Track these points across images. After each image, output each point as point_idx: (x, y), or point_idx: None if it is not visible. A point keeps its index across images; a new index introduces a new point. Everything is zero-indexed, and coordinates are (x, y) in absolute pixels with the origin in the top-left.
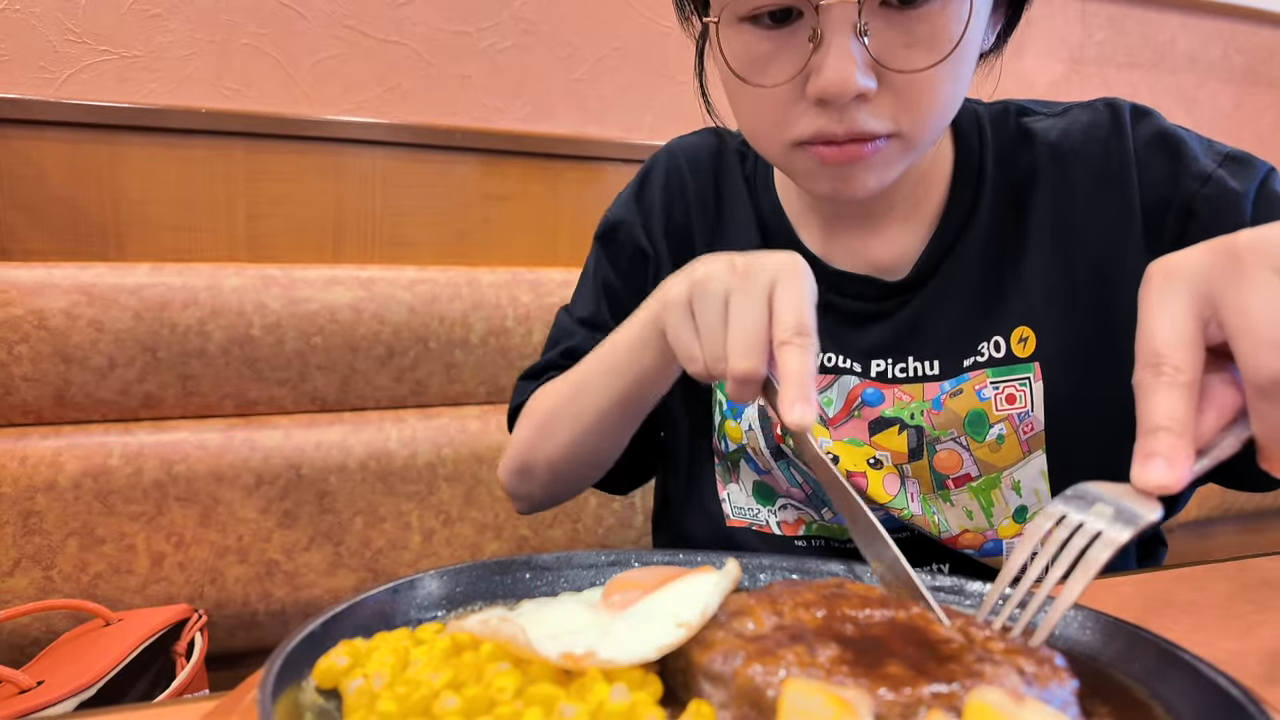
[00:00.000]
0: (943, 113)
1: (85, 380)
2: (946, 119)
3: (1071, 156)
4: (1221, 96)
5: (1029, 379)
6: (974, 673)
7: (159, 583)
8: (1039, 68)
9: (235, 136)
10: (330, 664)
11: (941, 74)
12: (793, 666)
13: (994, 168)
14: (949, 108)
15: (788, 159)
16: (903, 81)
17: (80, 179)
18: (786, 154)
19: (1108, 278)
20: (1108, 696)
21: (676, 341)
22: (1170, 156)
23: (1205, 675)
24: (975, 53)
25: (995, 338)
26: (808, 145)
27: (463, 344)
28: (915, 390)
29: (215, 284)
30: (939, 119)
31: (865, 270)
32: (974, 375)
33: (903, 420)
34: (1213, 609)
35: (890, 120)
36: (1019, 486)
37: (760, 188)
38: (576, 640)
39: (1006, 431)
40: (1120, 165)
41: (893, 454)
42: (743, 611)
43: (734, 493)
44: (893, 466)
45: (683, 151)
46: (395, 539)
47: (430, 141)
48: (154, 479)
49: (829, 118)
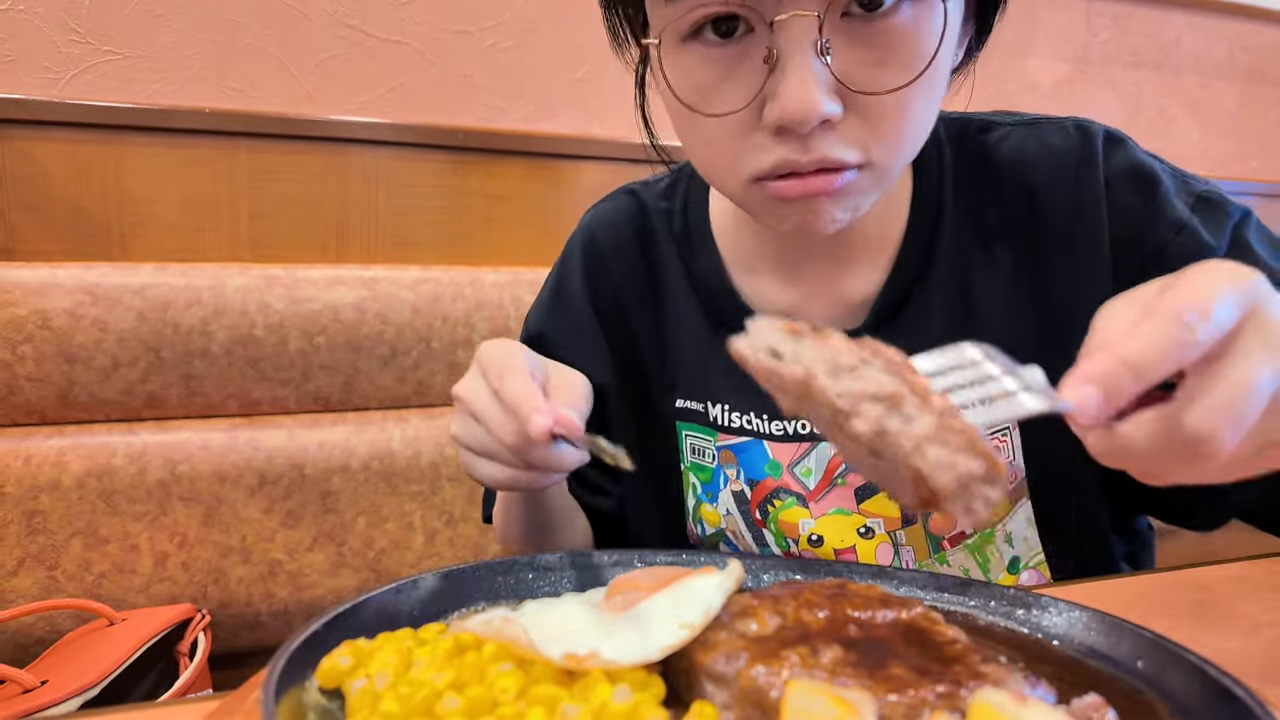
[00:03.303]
0: (916, 138)
1: (89, 380)
2: (919, 144)
3: (1039, 187)
4: (1227, 96)
5: (1009, 428)
6: (978, 674)
7: (162, 582)
8: (1043, 68)
9: (238, 136)
10: (333, 664)
11: (914, 95)
12: (796, 668)
13: (954, 195)
14: (923, 132)
15: (746, 196)
16: (871, 105)
17: (84, 179)
18: (745, 191)
19: (1075, 313)
20: (1112, 697)
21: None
22: (1144, 196)
23: (1210, 676)
24: (948, 70)
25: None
26: (768, 181)
27: (466, 344)
28: None
29: (218, 284)
30: (912, 145)
31: (827, 316)
32: None
33: None
34: (1216, 610)
35: (859, 149)
36: (1011, 538)
37: (696, 245)
38: (579, 641)
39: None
40: (1092, 199)
41: (885, 520)
42: (746, 612)
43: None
44: (885, 535)
45: (600, 227)
46: (398, 539)
47: (433, 141)
48: (158, 479)
49: (790, 148)
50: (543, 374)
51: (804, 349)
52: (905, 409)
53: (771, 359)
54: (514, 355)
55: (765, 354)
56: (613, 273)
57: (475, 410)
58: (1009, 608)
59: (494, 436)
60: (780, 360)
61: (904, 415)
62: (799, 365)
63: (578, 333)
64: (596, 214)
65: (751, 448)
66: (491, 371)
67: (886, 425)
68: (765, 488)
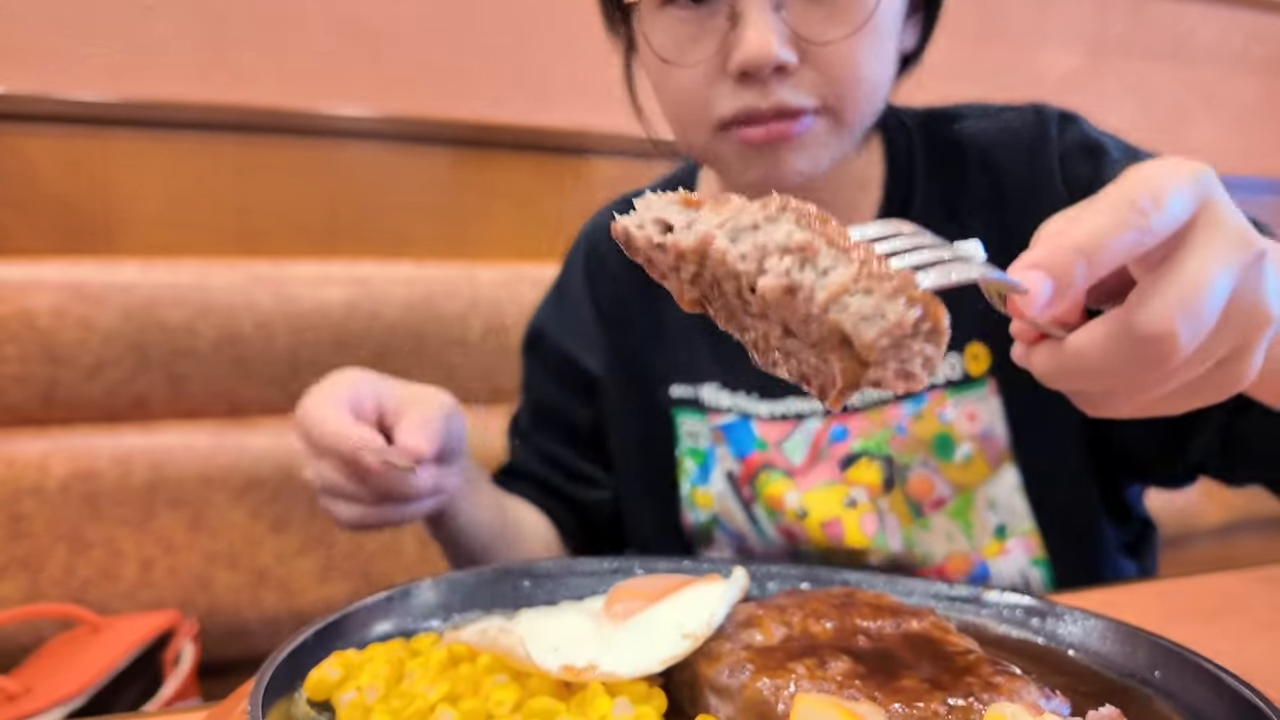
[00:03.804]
0: (866, 89)
1: (73, 380)
2: (871, 98)
3: (1000, 168)
4: (1243, 90)
5: (985, 395)
6: (991, 686)
7: (148, 589)
8: (1054, 60)
9: (227, 130)
10: (322, 675)
11: (859, 46)
12: (803, 680)
13: (924, 179)
14: (872, 85)
15: (714, 145)
16: (823, 55)
17: (70, 174)
18: (712, 140)
19: None
20: (1128, 708)
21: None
22: (1094, 165)
23: (1228, 685)
24: (892, 31)
25: (948, 353)
26: (733, 129)
27: (461, 343)
28: (877, 417)
29: (205, 281)
30: (863, 93)
31: None
32: (932, 396)
33: (870, 451)
34: (1236, 616)
35: (814, 95)
36: (995, 504)
37: None
38: (577, 652)
39: (973, 450)
40: (1047, 173)
41: (868, 489)
42: (751, 622)
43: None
44: (869, 503)
45: (600, 232)
46: (390, 545)
47: (427, 135)
48: (143, 482)
49: (752, 94)
50: (375, 396)
51: (701, 218)
52: (820, 261)
53: (663, 235)
54: (336, 387)
55: (655, 230)
56: (612, 270)
57: (311, 450)
58: (1023, 617)
59: (339, 475)
60: (671, 232)
61: (818, 267)
62: (692, 233)
63: (578, 329)
64: (597, 221)
65: (739, 426)
66: (310, 411)
67: (798, 279)
68: (753, 464)
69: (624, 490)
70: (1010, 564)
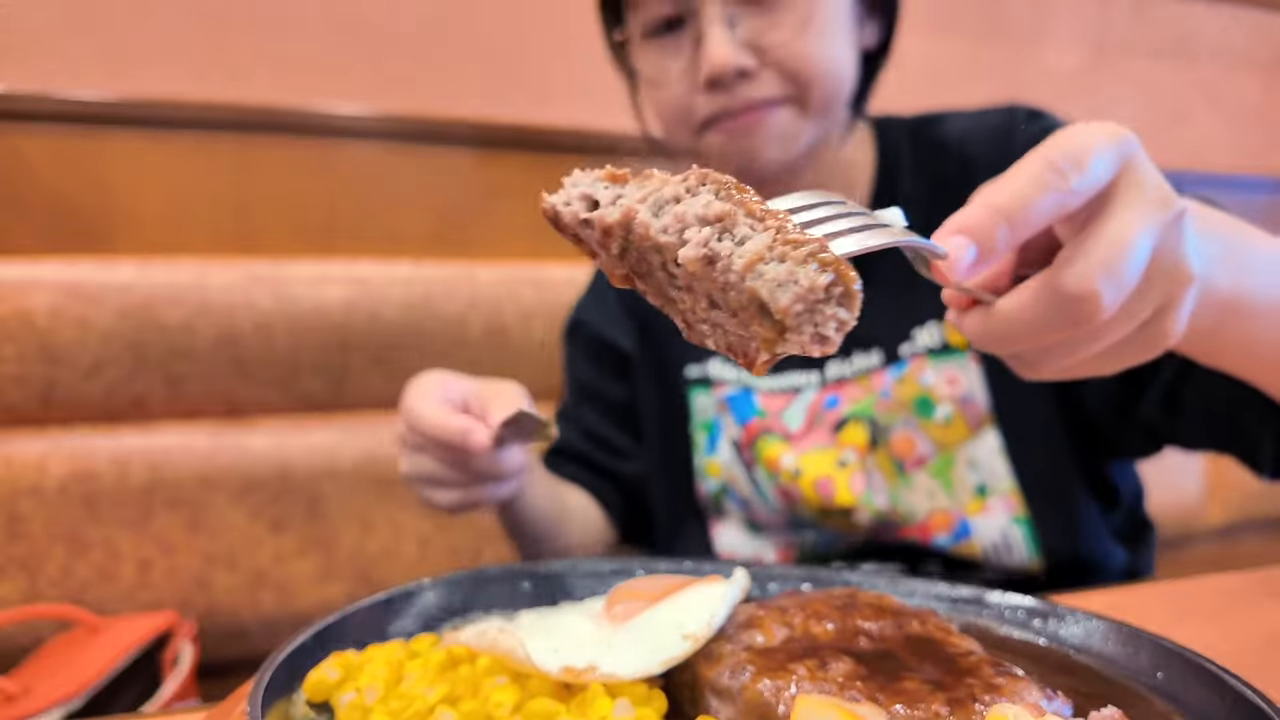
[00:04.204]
0: (823, 79)
1: (71, 380)
2: (833, 83)
3: (973, 160)
4: (1246, 88)
5: (966, 362)
6: (993, 687)
7: (146, 589)
8: (1057, 58)
9: (225, 129)
10: (321, 677)
11: (809, 44)
12: (804, 681)
13: (913, 174)
14: (829, 75)
15: (699, 144)
16: (776, 56)
17: (68, 173)
18: (697, 140)
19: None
20: (1131, 710)
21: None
22: None
23: (1231, 686)
24: (842, 28)
25: (929, 322)
26: (711, 127)
27: (460, 342)
28: (865, 384)
29: (203, 281)
30: (821, 79)
31: None
32: (914, 362)
33: (858, 415)
34: (1239, 618)
35: (776, 89)
36: (976, 464)
37: None
38: (578, 653)
39: (953, 411)
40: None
41: (856, 449)
42: (751, 623)
43: (723, 533)
44: (858, 463)
45: None
46: (389, 546)
47: (426, 133)
48: (141, 483)
49: (724, 98)
50: (460, 393)
51: (626, 193)
52: (738, 230)
53: (589, 211)
54: (427, 386)
55: (582, 206)
56: None
57: (413, 443)
58: (1025, 618)
59: (439, 463)
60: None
61: (735, 237)
62: (616, 209)
63: (612, 317)
64: None
65: (742, 397)
66: (412, 409)
67: (716, 249)
68: (753, 430)
69: (649, 466)
70: (991, 522)
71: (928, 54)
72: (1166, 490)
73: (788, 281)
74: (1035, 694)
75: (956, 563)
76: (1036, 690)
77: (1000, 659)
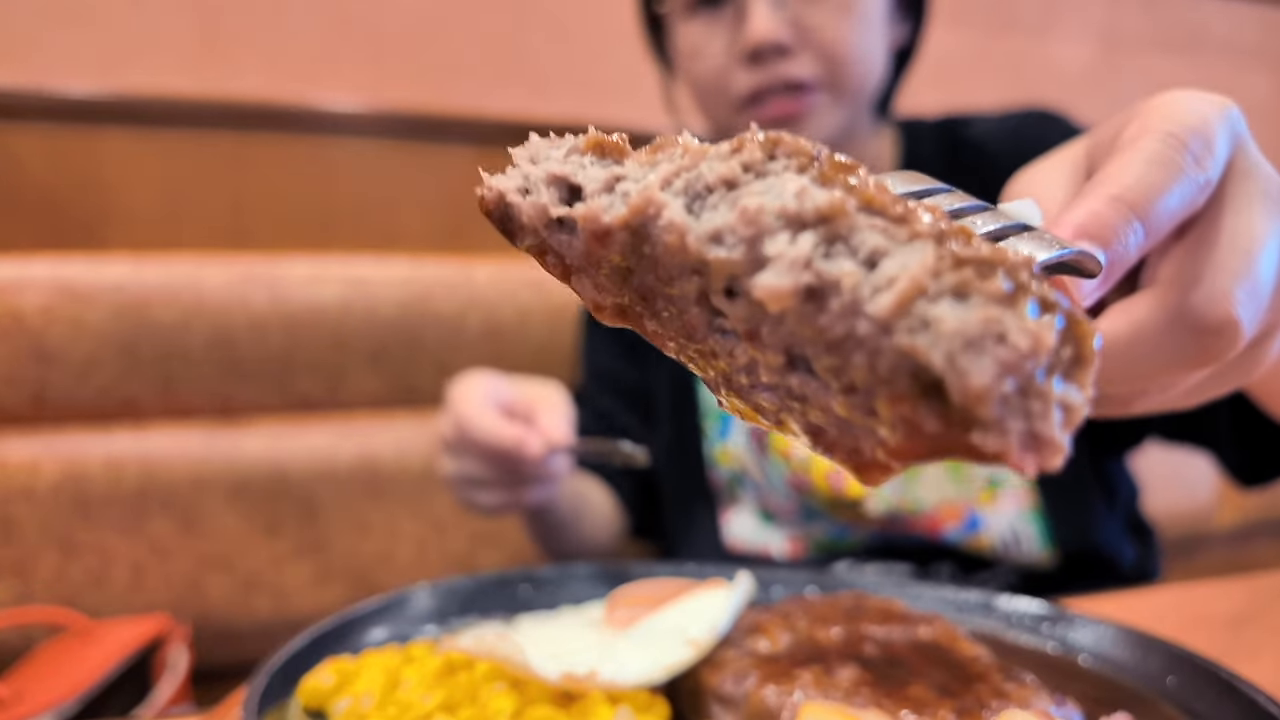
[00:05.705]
0: (857, 65)
1: (64, 381)
2: (863, 73)
3: (995, 160)
4: (1258, 85)
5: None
6: (1001, 693)
7: (139, 593)
8: (1067, 53)
9: (219, 125)
10: (316, 683)
11: (847, 29)
12: (809, 688)
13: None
14: (862, 62)
15: (736, 124)
16: (816, 38)
17: (60, 170)
18: (735, 118)
19: None
20: (1141, 716)
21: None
22: None
23: (1243, 693)
24: (878, 20)
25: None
26: (749, 109)
27: (457, 343)
28: None
29: (197, 280)
30: (855, 67)
31: None
32: None
33: None
34: (1253, 623)
35: (812, 70)
36: None
37: None
38: (578, 659)
39: None
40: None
41: None
42: (756, 629)
43: (735, 521)
44: None
45: None
46: (385, 550)
47: (422, 128)
48: (134, 485)
49: (763, 74)
50: (508, 396)
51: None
52: (858, 238)
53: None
54: (473, 390)
55: (552, 195)
56: None
57: (458, 447)
58: (1034, 623)
59: (486, 467)
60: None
61: (857, 249)
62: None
63: None
64: None
65: None
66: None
67: (825, 271)
68: None
69: (662, 459)
70: (1002, 515)
71: (938, 47)
72: (1177, 493)
73: (983, 338)
74: (1044, 700)
75: (967, 560)
76: (1045, 697)
77: (1009, 665)
